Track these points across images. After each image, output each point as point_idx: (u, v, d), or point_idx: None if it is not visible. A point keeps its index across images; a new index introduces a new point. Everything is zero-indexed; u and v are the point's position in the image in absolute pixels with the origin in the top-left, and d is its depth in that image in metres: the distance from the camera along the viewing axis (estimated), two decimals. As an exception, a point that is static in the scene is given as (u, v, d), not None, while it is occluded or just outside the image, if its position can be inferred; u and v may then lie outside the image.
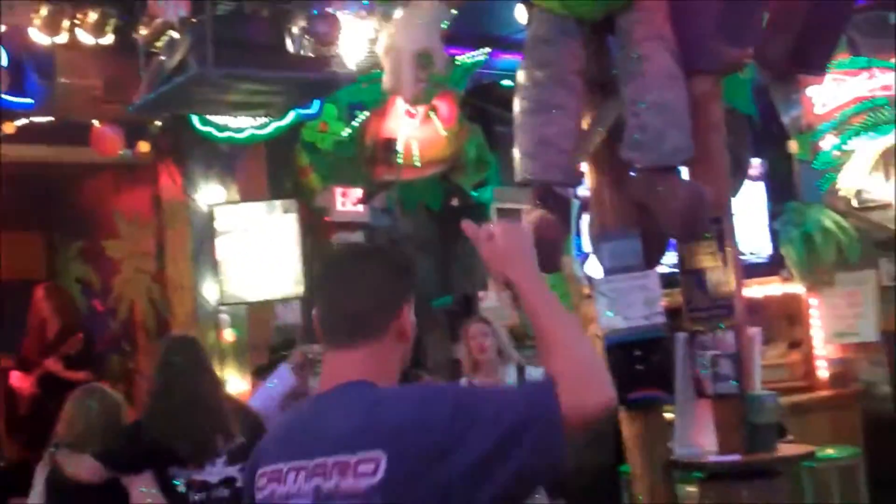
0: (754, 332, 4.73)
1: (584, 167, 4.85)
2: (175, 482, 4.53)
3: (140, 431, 4.67)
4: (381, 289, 2.39)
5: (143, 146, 8.41)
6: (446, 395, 2.25)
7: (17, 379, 8.00)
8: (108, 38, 7.28)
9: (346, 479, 2.16)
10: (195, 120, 7.89)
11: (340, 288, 2.39)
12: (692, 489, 5.54)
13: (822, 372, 8.83)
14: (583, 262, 9.46)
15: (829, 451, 7.56)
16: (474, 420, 2.13)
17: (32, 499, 5.16)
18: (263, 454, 2.42)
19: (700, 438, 4.63)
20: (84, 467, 4.81)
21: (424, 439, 2.13)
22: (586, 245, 9.01)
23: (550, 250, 4.51)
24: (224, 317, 8.28)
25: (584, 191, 6.55)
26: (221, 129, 7.99)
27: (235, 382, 7.98)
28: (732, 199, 4.86)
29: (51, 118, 7.72)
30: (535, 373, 5.96)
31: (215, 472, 4.57)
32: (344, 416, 2.24)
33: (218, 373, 4.92)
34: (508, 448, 2.11)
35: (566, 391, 2.15)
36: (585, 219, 8.41)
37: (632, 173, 4.54)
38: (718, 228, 4.58)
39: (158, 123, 8.25)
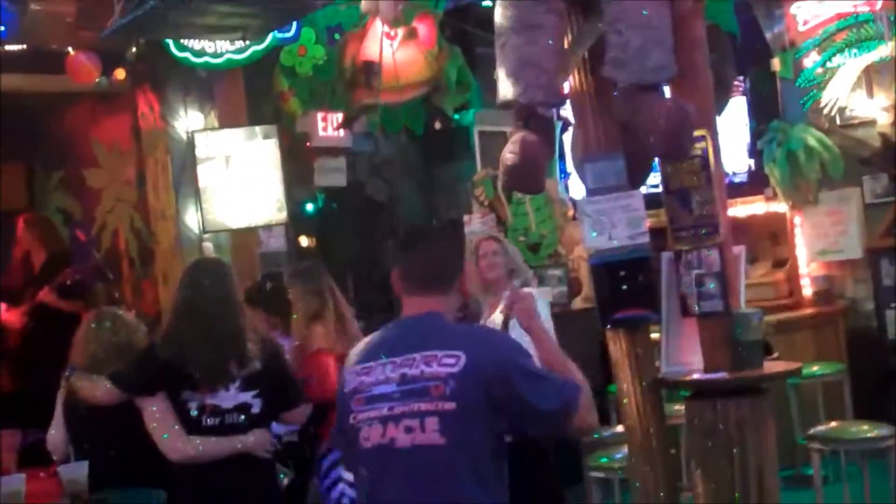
0: (739, 250, 4.72)
1: (567, 87, 4.80)
2: (188, 406, 4.51)
3: (154, 353, 4.60)
4: (454, 254, 3.35)
5: (120, 73, 8.30)
6: (507, 339, 3.21)
7: (5, 313, 7.93)
8: (79, -38, 7.15)
9: (431, 367, 2.94)
10: (171, 45, 7.78)
11: (432, 253, 3.23)
12: (679, 407, 5.58)
13: (807, 290, 8.87)
14: (566, 184, 9.45)
15: (814, 368, 7.61)
16: (522, 385, 2.93)
17: (54, 424, 5.16)
18: (356, 358, 3.16)
19: (686, 357, 4.64)
20: (98, 390, 4.80)
21: (489, 356, 2.96)
22: (570, 166, 8.99)
23: (534, 171, 4.47)
24: (207, 244, 8.25)
25: (566, 111, 6.51)
26: (198, 54, 7.89)
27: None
28: (716, 118, 4.82)
29: (24, 46, 7.60)
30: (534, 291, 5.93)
31: (229, 397, 4.49)
32: (429, 329, 3.06)
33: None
34: (533, 423, 3.03)
35: (582, 405, 2.99)
36: (568, 139, 8.38)
37: (615, 93, 4.49)
38: (703, 147, 4.54)
39: (134, 50, 8.14)
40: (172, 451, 4.44)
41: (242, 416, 4.51)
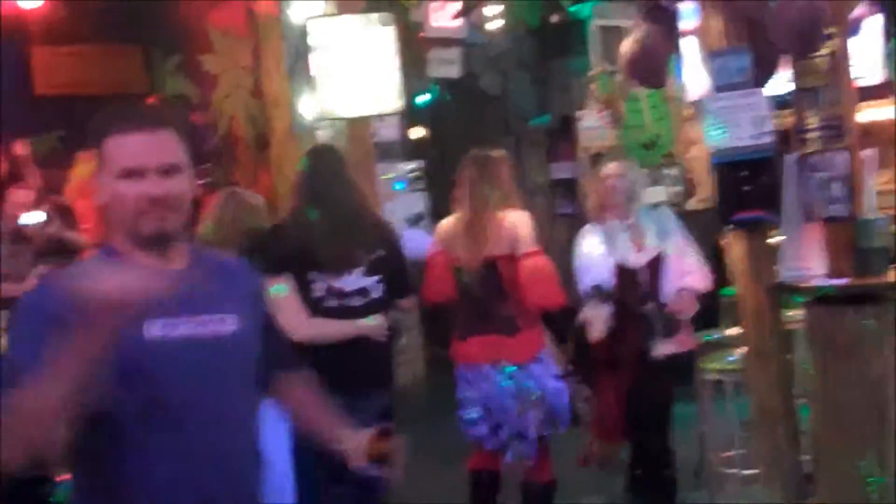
0: (868, 154, 4.56)
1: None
2: (313, 287, 4.56)
3: (281, 234, 4.69)
4: None
5: (237, -42, 8.28)
6: None
7: None
8: None
9: None
10: (287, -70, 7.72)
11: None
12: (797, 312, 5.47)
13: (932, 198, 8.60)
14: (686, 83, 9.22)
15: (935, 279, 7.40)
16: None
17: None
18: None
19: (807, 261, 4.53)
20: None
21: None
22: (691, 64, 8.76)
23: (656, 64, 4.39)
24: (322, 132, 8.25)
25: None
26: (314, -61, 7.81)
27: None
28: (849, 15, 4.64)
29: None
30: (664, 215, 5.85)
31: (351, 281, 4.58)
32: None
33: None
34: None
35: None
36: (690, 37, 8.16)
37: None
38: (834, 45, 4.38)
39: (251, -67, 8.10)
40: (294, 331, 4.48)
41: (361, 300, 4.56)
